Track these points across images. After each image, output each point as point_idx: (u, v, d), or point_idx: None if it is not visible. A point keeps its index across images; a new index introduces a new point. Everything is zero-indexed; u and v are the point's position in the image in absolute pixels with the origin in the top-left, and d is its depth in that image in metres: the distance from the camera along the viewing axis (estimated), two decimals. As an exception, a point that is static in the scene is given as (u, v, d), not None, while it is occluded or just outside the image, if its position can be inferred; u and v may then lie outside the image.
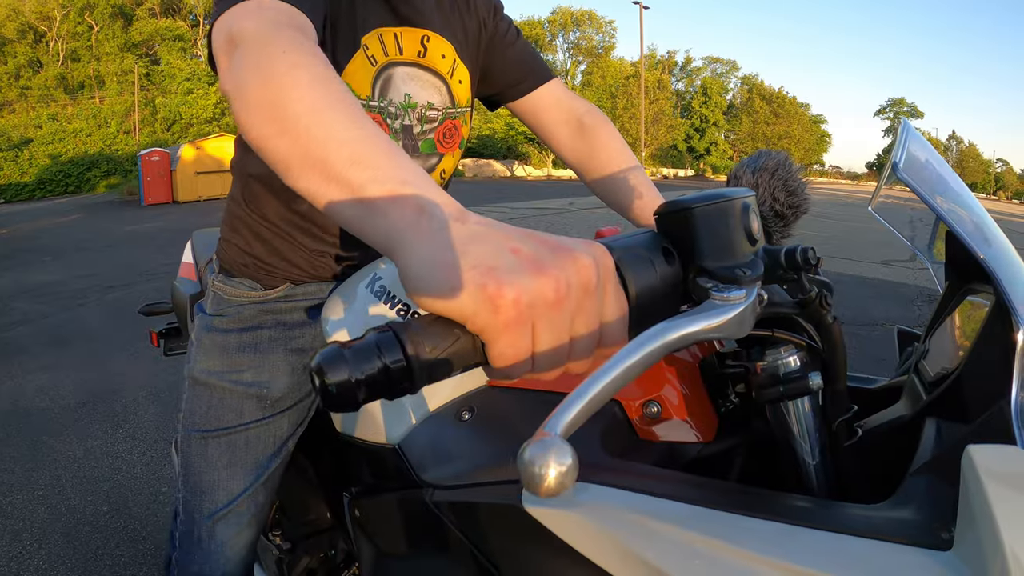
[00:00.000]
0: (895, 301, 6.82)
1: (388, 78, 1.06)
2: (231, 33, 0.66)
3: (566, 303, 0.44)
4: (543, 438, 0.36)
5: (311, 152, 0.52)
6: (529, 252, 0.44)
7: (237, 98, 0.59)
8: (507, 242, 0.45)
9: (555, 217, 14.00)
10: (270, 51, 0.60)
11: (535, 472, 0.35)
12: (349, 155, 0.51)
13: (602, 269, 0.46)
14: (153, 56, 46.22)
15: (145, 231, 14.50)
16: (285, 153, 0.54)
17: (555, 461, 0.35)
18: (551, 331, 0.43)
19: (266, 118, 0.56)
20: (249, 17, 0.67)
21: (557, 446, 0.35)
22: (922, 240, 0.98)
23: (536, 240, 0.46)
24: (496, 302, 0.42)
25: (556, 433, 0.37)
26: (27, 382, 4.46)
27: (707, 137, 54.68)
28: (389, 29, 1.04)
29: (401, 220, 0.47)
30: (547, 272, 0.43)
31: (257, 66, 0.59)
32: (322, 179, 0.52)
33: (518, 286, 0.42)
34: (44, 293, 7.69)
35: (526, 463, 0.35)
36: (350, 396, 0.42)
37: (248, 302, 1.16)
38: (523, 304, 0.42)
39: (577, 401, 0.39)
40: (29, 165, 36.02)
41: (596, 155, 1.19)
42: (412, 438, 0.89)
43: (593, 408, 0.40)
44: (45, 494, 2.94)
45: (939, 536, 0.50)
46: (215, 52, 0.69)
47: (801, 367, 0.75)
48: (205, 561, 1.15)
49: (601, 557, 0.59)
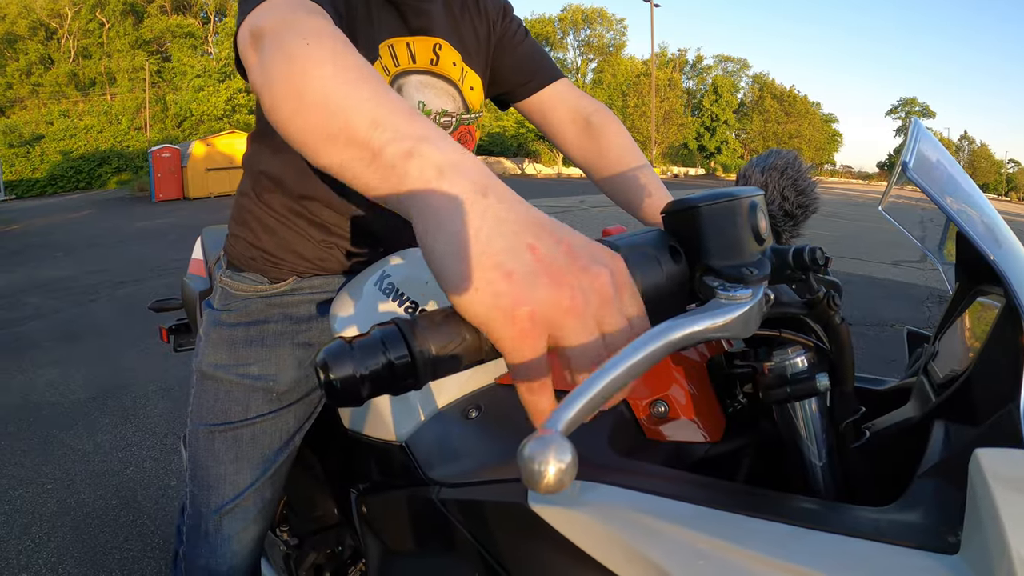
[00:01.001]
0: (905, 302, 6.78)
1: (400, 87, 1.08)
2: (254, 32, 0.68)
3: (583, 313, 0.43)
4: (544, 435, 0.35)
5: (333, 123, 0.52)
6: (545, 254, 0.44)
7: (264, 86, 0.60)
8: (525, 236, 0.44)
9: (565, 215, 13.97)
10: (291, 35, 0.61)
11: (535, 469, 0.35)
12: (370, 119, 0.51)
13: (617, 276, 0.46)
14: (164, 53, 46.44)
15: (156, 227, 14.58)
16: (309, 127, 0.54)
17: (555, 458, 0.35)
18: (568, 340, 0.43)
19: (290, 95, 0.56)
20: (269, 13, 0.69)
21: (557, 443, 0.35)
22: (932, 241, 0.98)
23: (552, 238, 0.45)
24: (511, 314, 0.41)
25: (557, 430, 0.36)
26: (38, 376, 4.49)
27: (718, 136, 54.45)
28: (401, 39, 1.06)
29: (420, 180, 0.47)
30: (562, 283, 0.43)
31: (280, 50, 0.60)
32: (344, 146, 0.51)
33: (533, 301, 0.42)
34: (56, 288, 7.75)
35: (526, 459, 0.35)
36: (354, 391, 0.42)
37: (255, 296, 1.16)
38: (538, 318, 0.42)
39: (579, 398, 0.39)
40: (40, 161, 36.33)
41: (604, 154, 1.19)
42: (419, 435, 0.90)
43: (596, 406, 0.40)
44: (55, 488, 2.96)
45: (946, 540, 0.49)
46: (243, 55, 0.71)
47: (808, 368, 0.75)
48: (212, 555, 1.16)
49: (607, 556, 0.59)
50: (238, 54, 0.77)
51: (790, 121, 57.19)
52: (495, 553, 0.73)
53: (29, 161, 36.25)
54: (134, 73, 44.29)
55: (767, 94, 58.51)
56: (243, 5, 0.75)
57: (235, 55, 0.81)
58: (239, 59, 0.77)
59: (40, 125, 39.27)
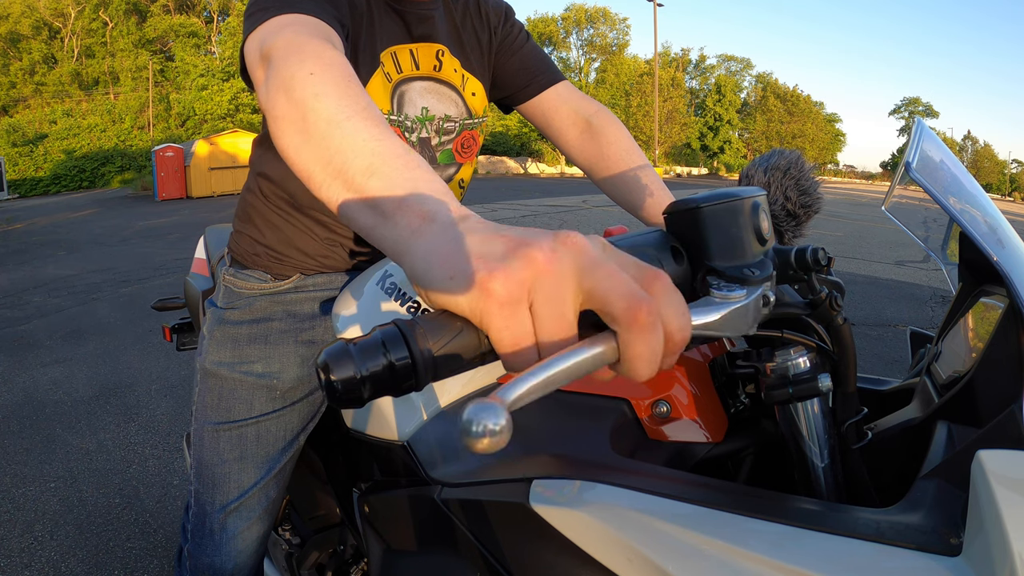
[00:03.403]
0: (908, 302, 6.77)
1: (403, 93, 1.09)
2: (262, 50, 0.71)
3: (557, 267, 0.42)
4: (489, 401, 0.36)
5: (332, 162, 0.55)
6: (517, 236, 0.44)
7: (269, 112, 0.64)
8: (498, 232, 0.45)
9: (568, 215, 13.97)
10: (297, 66, 0.64)
11: (471, 430, 0.36)
12: (366, 165, 0.53)
13: (598, 242, 0.44)
14: (167, 52, 46.58)
15: (159, 226, 14.59)
16: (310, 163, 0.58)
17: (491, 423, 0.36)
18: (547, 303, 0.42)
19: (293, 130, 0.60)
20: (278, 33, 0.72)
21: (496, 409, 0.36)
22: (936, 241, 0.97)
23: (528, 229, 0.46)
24: (486, 285, 0.41)
25: (505, 400, 0.37)
26: (41, 375, 4.50)
27: (721, 135, 54.42)
28: (404, 46, 1.08)
29: (408, 227, 0.49)
30: (533, 244, 0.42)
31: (285, 81, 0.63)
32: (341, 188, 0.54)
33: (505, 265, 0.42)
34: (59, 287, 7.76)
35: (463, 421, 0.36)
36: (355, 393, 0.42)
37: (259, 294, 1.17)
38: (512, 281, 0.41)
39: (534, 376, 0.39)
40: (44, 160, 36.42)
41: (605, 155, 1.19)
42: (421, 435, 0.90)
43: (550, 386, 0.40)
44: (57, 486, 2.97)
45: (948, 541, 0.49)
46: (250, 68, 0.74)
47: (811, 368, 0.75)
48: (216, 553, 1.16)
49: (607, 557, 0.59)
50: (244, 63, 0.79)
51: (793, 121, 57.09)
52: (496, 553, 0.73)
53: (32, 160, 36.35)
54: (137, 72, 44.37)
55: (770, 94, 58.41)
56: (251, 18, 0.77)
57: (241, 64, 0.83)
58: (244, 69, 0.79)
59: (43, 124, 39.38)
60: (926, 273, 8.51)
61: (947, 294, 7.05)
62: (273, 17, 0.76)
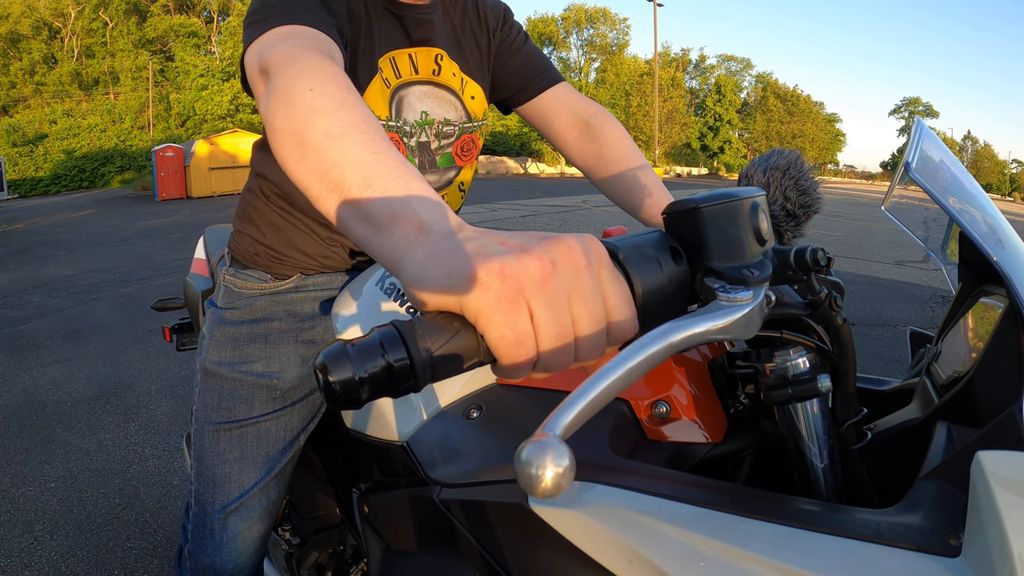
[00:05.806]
0: (908, 302, 6.76)
1: (402, 98, 1.09)
2: (261, 64, 0.72)
3: (554, 280, 0.44)
4: (541, 439, 0.35)
5: (329, 176, 0.56)
6: (516, 241, 0.46)
7: (268, 125, 0.65)
8: (497, 237, 0.47)
9: (568, 215, 13.96)
10: (296, 79, 0.65)
11: (532, 473, 0.35)
12: (362, 179, 0.54)
13: (593, 255, 0.47)
14: (167, 52, 46.55)
15: (159, 226, 14.59)
16: (307, 176, 0.59)
17: (552, 462, 0.34)
18: (547, 311, 0.43)
19: (292, 144, 0.61)
20: (278, 45, 0.73)
21: (554, 447, 0.35)
22: (936, 241, 0.97)
23: (526, 234, 0.47)
24: (483, 280, 0.42)
25: (555, 434, 0.36)
26: (41, 375, 4.50)
27: (721, 135, 54.42)
28: (403, 51, 1.08)
29: (404, 239, 0.50)
30: (531, 251, 0.44)
31: (284, 95, 0.64)
32: (338, 202, 0.55)
33: (503, 263, 0.43)
34: (59, 287, 7.76)
35: (523, 464, 0.35)
36: (353, 394, 0.42)
37: (259, 294, 1.17)
38: (510, 279, 0.42)
39: (578, 401, 0.39)
40: (44, 160, 36.42)
41: (603, 155, 1.19)
42: (421, 436, 0.90)
43: (595, 408, 0.40)
44: (57, 486, 2.97)
45: (947, 542, 0.49)
46: (250, 79, 0.76)
47: (810, 369, 0.75)
48: (216, 553, 1.16)
49: (606, 558, 0.59)
50: (244, 73, 0.80)
51: (793, 121, 57.11)
52: (496, 553, 0.73)
53: (32, 160, 36.34)
54: (137, 72, 44.34)
55: (770, 94, 58.42)
56: (250, 28, 0.78)
57: (242, 73, 0.84)
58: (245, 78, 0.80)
59: (43, 124, 39.36)
60: (926, 273, 8.51)
61: (947, 294, 7.05)
62: (272, 28, 0.77)
